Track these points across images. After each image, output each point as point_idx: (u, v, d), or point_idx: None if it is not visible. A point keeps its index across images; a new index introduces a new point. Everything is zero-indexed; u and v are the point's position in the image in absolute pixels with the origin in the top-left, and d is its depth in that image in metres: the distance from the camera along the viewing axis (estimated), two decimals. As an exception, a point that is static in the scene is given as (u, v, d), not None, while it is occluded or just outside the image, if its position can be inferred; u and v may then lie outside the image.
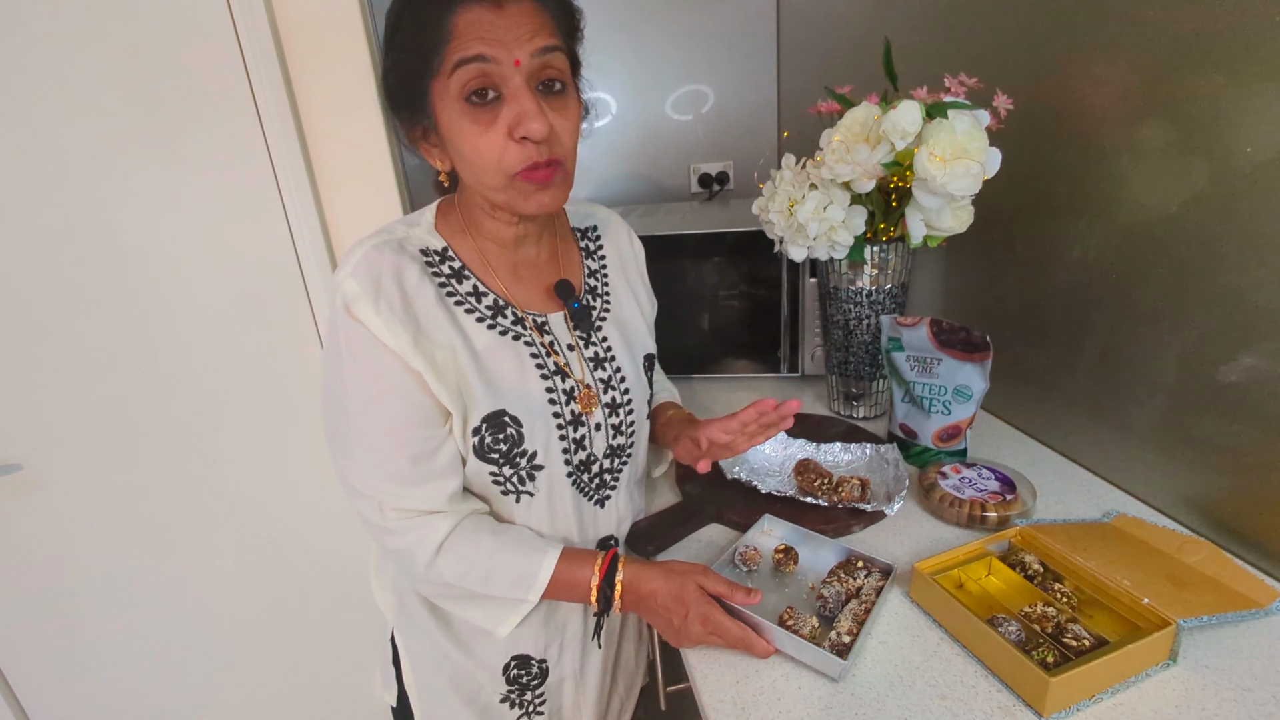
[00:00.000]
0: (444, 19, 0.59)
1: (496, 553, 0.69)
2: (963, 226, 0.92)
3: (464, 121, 0.62)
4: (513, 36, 0.59)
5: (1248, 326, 0.70)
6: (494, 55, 0.59)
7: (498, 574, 0.69)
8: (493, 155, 0.62)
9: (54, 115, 1.08)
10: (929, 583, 0.69)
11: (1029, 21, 0.93)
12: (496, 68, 0.59)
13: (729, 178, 1.76)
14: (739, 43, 1.70)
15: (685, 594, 0.68)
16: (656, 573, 0.70)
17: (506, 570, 0.70)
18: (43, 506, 1.27)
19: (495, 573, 0.69)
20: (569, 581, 0.71)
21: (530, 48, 0.60)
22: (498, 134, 0.61)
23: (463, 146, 0.63)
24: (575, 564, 0.71)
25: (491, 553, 0.69)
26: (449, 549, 0.69)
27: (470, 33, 0.58)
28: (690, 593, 0.68)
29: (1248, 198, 0.68)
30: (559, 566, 0.70)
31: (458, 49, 0.59)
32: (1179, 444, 0.80)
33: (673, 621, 0.68)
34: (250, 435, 1.33)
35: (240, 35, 1.09)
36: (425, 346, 0.65)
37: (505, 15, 0.59)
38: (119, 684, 1.44)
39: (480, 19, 0.59)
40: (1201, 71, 0.71)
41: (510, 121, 0.61)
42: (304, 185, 1.18)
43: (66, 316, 1.18)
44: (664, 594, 0.69)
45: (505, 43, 0.59)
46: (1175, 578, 0.68)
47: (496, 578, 0.69)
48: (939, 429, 0.94)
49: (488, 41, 0.58)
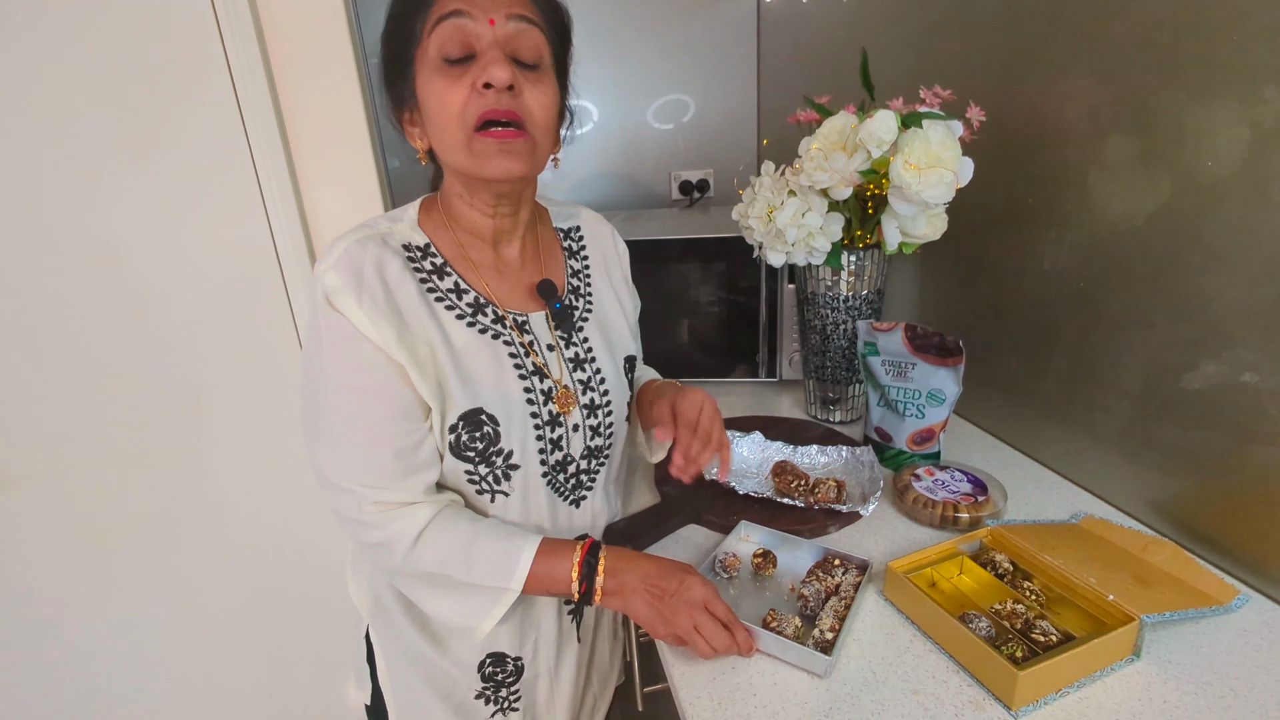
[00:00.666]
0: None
1: (477, 539, 0.68)
2: (936, 234, 0.95)
3: (436, 78, 0.64)
4: (492, 2, 0.63)
5: (1210, 335, 0.73)
6: (469, 11, 0.62)
7: (478, 560, 0.68)
8: (456, 106, 0.63)
9: (32, 112, 1.06)
10: (903, 581, 0.70)
11: (1002, 39, 0.96)
12: (471, 23, 0.62)
13: (709, 185, 1.78)
14: (720, 53, 1.73)
15: (680, 567, 0.69)
16: (644, 555, 0.72)
17: (486, 556, 0.68)
18: (18, 505, 1.24)
19: (475, 559, 0.68)
20: (549, 567, 0.68)
21: (506, 11, 0.63)
22: (463, 86, 0.63)
23: (431, 105, 0.65)
24: (555, 550, 0.69)
25: (472, 539, 0.68)
26: (428, 537, 0.68)
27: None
28: (686, 567, 0.69)
29: (1209, 210, 0.71)
30: (539, 553, 0.68)
31: (439, 9, 0.63)
32: (1144, 448, 0.82)
33: (667, 589, 0.67)
34: (228, 433, 1.31)
35: (223, 31, 1.08)
36: (408, 340, 0.65)
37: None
38: (92, 685, 1.40)
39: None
40: (1165, 88, 0.74)
41: (477, 75, 0.63)
42: (285, 182, 1.16)
43: (44, 315, 1.15)
44: (656, 569, 0.69)
45: (484, 5, 0.63)
46: (1140, 576, 0.70)
47: (477, 564, 0.68)
48: (913, 432, 0.95)
49: (467, 3, 0.62)
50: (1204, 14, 0.69)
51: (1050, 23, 0.87)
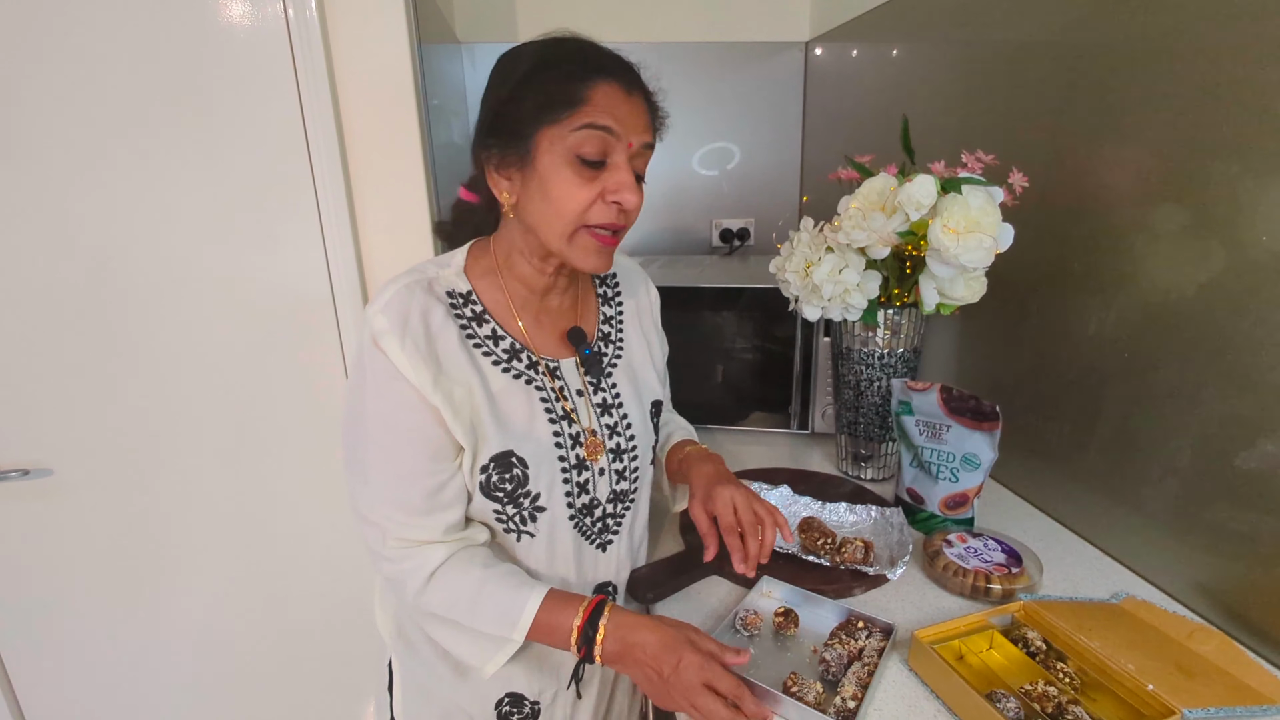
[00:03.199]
0: (585, 84, 0.66)
1: (484, 585, 0.70)
2: (975, 297, 0.94)
3: (567, 171, 0.67)
4: (634, 123, 0.69)
5: (1269, 413, 0.70)
6: (619, 132, 0.67)
7: (483, 607, 0.69)
8: (580, 206, 0.68)
9: (113, 140, 1.16)
10: (928, 652, 0.68)
11: (1050, 105, 0.96)
12: (615, 141, 0.67)
13: (750, 234, 1.80)
14: (768, 105, 1.77)
15: (679, 642, 0.66)
16: (646, 622, 0.69)
17: (492, 604, 0.69)
18: (69, 511, 1.31)
19: (480, 606, 0.69)
20: (552, 622, 0.69)
21: (643, 139, 0.70)
22: (593, 191, 0.68)
23: (555, 191, 0.68)
24: (560, 605, 0.70)
25: (480, 585, 0.70)
26: (440, 578, 0.70)
27: (605, 105, 0.67)
28: (684, 642, 0.66)
29: (1264, 285, 0.69)
30: (544, 606, 0.69)
31: (591, 114, 0.66)
32: (1192, 528, 0.79)
33: (662, 671, 0.65)
34: (269, 455, 1.36)
35: (300, 81, 1.17)
36: (444, 384, 0.68)
37: (632, 102, 0.69)
38: (114, 693, 1.44)
39: (614, 96, 0.67)
40: (1217, 160, 0.73)
41: (609, 185, 0.68)
42: (345, 223, 1.24)
43: (106, 330, 1.23)
44: (654, 643, 0.67)
45: (628, 126, 0.68)
46: (1183, 666, 0.67)
47: (481, 611, 0.69)
48: (946, 496, 0.93)
49: (618, 119, 0.67)
50: (1259, 88, 0.68)
51: (1100, 89, 0.87)
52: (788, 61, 1.74)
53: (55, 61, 1.11)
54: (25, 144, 1.13)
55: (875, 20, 1.43)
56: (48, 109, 1.13)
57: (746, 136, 1.79)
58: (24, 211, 1.16)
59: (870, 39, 1.47)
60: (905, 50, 1.34)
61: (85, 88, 1.13)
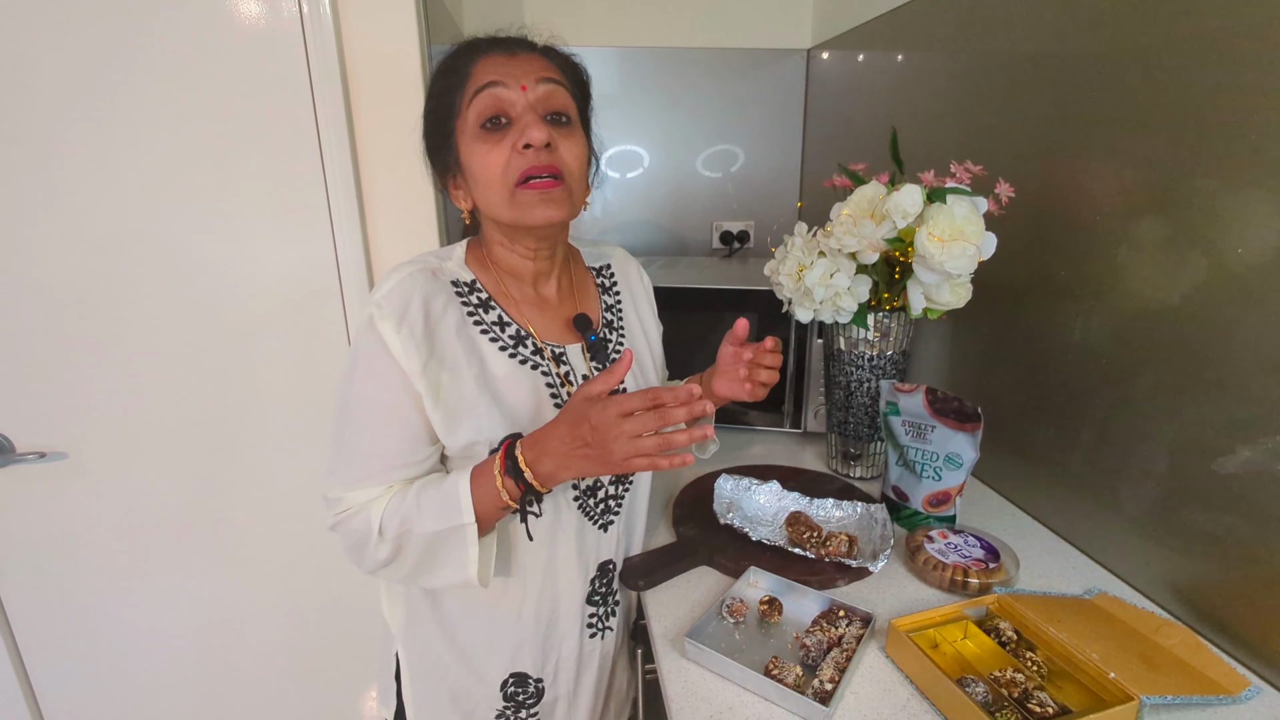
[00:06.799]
0: (467, 65, 0.72)
1: (421, 493, 0.72)
2: (960, 302, 0.97)
3: (477, 144, 0.72)
4: (521, 70, 0.72)
5: (1246, 420, 0.72)
6: (503, 81, 0.71)
7: (426, 509, 0.71)
8: (498, 167, 0.71)
9: (127, 133, 1.20)
10: (904, 639, 0.72)
11: (1039, 118, 0.99)
12: (506, 91, 0.71)
13: (750, 236, 1.83)
14: (771, 108, 1.80)
15: (577, 412, 0.66)
16: (548, 429, 0.69)
17: (432, 503, 0.71)
18: (82, 495, 1.35)
19: (425, 510, 0.71)
20: (485, 487, 0.70)
21: (535, 76, 0.72)
22: (505, 148, 0.71)
23: (475, 168, 0.72)
24: (484, 469, 0.71)
25: (416, 495, 0.72)
26: (385, 514, 0.72)
27: (486, 70, 0.72)
28: (579, 404, 0.67)
29: (1243, 296, 0.72)
30: (473, 482, 0.70)
31: (475, 82, 0.71)
32: (1167, 530, 0.82)
33: (585, 440, 0.65)
34: (276, 443, 1.40)
35: (314, 81, 1.20)
36: (433, 371, 0.71)
37: (516, 59, 0.73)
38: (124, 670, 1.48)
39: (495, 61, 0.72)
40: (1198, 174, 0.76)
41: (515, 137, 0.71)
42: (354, 218, 1.28)
43: (119, 320, 1.27)
44: (563, 429, 0.67)
45: (514, 74, 0.71)
46: (1147, 657, 0.70)
47: (427, 512, 0.71)
48: (929, 494, 0.97)
49: (500, 74, 0.71)
50: (1239, 108, 0.71)
51: (1089, 103, 0.90)
52: (790, 68, 1.77)
53: (71, 58, 1.15)
54: (40, 137, 1.17)
55: (875, 30, 1.46)
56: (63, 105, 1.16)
57: (749, 140, 1.82)
58: (40, 204, 1.20)
59: (870, 48, 1.50)
60: (904, 60, 1.37)
61: (106, 83, 1.17)
